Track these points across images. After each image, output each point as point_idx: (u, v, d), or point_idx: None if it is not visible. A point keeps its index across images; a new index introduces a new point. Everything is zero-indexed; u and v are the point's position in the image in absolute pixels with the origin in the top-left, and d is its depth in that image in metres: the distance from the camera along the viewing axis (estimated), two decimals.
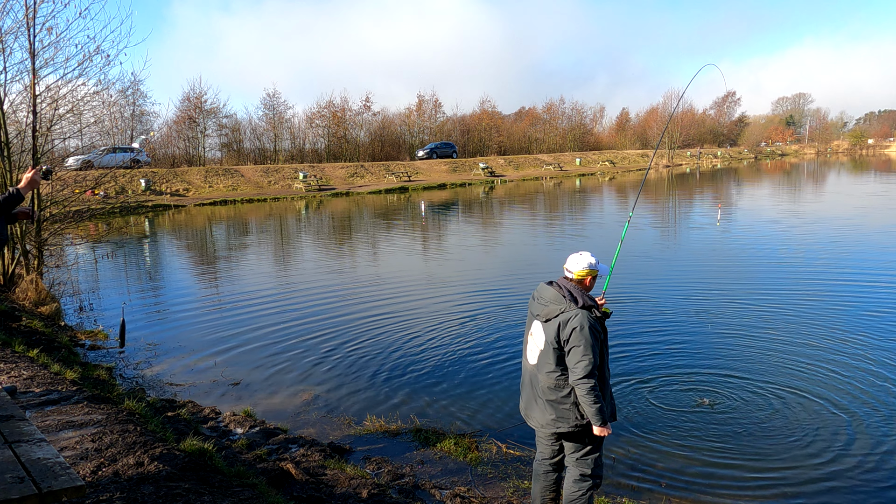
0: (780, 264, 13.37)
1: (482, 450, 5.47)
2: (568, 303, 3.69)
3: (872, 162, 71.88)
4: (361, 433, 5.90)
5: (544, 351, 3.76)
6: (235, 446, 5.35)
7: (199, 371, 7.75)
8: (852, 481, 4.87)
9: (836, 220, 20.82)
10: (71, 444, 4.22)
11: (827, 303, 9.93)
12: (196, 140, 49.62)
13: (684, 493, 4.77)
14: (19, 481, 2.58)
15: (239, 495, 3.83)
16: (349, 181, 44.23)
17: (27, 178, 4.52)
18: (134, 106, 46.46)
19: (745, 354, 7.66)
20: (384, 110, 63.32)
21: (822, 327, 8.63)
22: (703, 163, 72.48)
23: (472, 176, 49.67)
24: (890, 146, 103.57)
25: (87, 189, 18.81)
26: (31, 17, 10.59)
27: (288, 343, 8.68)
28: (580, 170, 59.59)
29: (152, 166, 41.05)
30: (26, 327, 8.28)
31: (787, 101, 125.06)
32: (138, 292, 12.69)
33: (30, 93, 11.02)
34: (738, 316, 9.37)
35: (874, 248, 15.09)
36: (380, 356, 8.03)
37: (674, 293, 10.99)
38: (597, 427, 3.66)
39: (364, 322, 9.65)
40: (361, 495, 4.44)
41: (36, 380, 5.62)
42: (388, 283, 12.79)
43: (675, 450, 5.38)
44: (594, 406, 3.59)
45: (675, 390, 6.58)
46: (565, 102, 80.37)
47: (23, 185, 4.49)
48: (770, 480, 4.91)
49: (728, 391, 6.52)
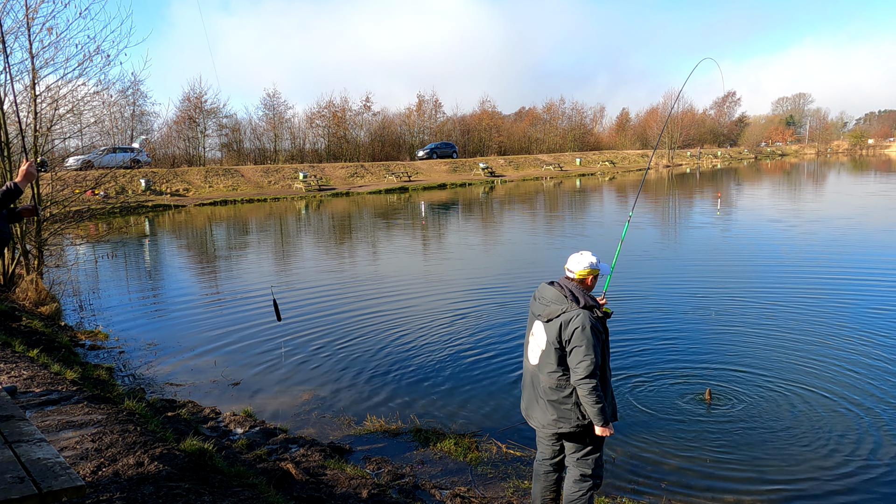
0: (781, 262, 13.36)
1: (482, 450, 5.47)
2: (569, 303, 3.68)
3: (872, 162, 71.87)
4: (361, 433, 5.90)
5: (546, 351, 3.76)
6: (235, 446, 5.35)
7: (199, 371, 7.75)
8: (853, 479, 4.87)
9: (837, 219, 20.80)
10: (71, 444, 4.22)
11: (829, 299, 9.92)
12: (196, 140, 49.64)
13: (684, 494, 4.77)
14: (19, 481, 2.58)
15: (239, 495, 3.83)
16: (349, 181, 44.23)
17: (23, 171, 4.51)
18: (134, 106, 46.52)
19: (746, 354, 7.65)
20: (384, 110, 63.47)
21: (825, 324, 8.63)
22: (703, 163, 72.48)
23: (472, 176, 49.67)
24: (890, 146, 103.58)
25: (87, 189, 18.81)
26: (31, 18, 10.59)
27: (288, 343, 8.68)
28: (580, 170, 59.60)
29: (152, 166, 41.05)
30: (26, 327, 8.28)
31: (787, 101, 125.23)
32: (138, 292, 12.69)
33: (30, 93, 11.02)
34: (739, 314, 9.36)
35: (875, 246, 15.09)
36: (380, 356, 8.02)
37: (674, 292, 10.98)
38: (598, 427, 3.66)
39: (364, 322, 9.65)
40: (361, 495, 4.44)
41: (36, 380, 5.61)
42: (388, 282, 12.79)
43: (676, 450, 5.38)
44: (596, 406, 3.59)
45: (676, 390, 6.58)
46: (565, 102, 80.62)
47: (19, 178, 4.47)
48: (770, 480, 4.91)
49: (728, 391, 6.51)
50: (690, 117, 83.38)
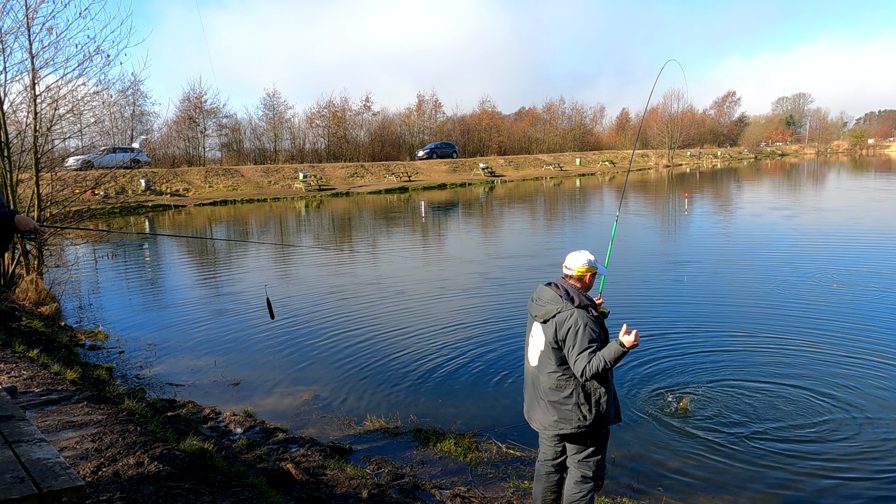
0: (783, 261, 13.36)
1: (482, 450, 5.47)
2: (564, 302, 3.68)
3: (872, 162, 71.87)
4: (361, 433, 5.90)
5: (544, 352, 3.75)
6: (235, 446, 5.35)
7: (199, 371, 7.75)
8: (853, 480, 4.87)
9: (840, 218, 20.80)
10: (71, 444, 4.22)
11: (829, 300, 9.93)
12: (196, 140, 49.67)
13: (684, 494, 4.77)
14: (19, 481, 2.58)
15: (239, 495, 3.83)
16: (349, 181, 44.23)
17: (33, 224, 4.31)
18: (134, 106, 46.54)
19: (746, 355, 7.65)
20: (384, 110, 63.54)
21: (822, 325, 8.63)
22: (703, 163, 72.48)
23: (472, 176, 49.67)
24: (890, 146, 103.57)
25: (87, 189, 18.82)
26: (31, 18, 10.59)
27: (288, 343, 8.68)
28: (580, 170, 59.60)
29: (152, 166, 41.06)
30: (26, 327, 8.28)
31: (787, 101, 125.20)
32: (138, 292, 12.69)
33: (30, 93, 11.02)
34: (739, 314, 9.37)
35: (878, 244, 15.08)
36: (380, 356, 8.02)
37: (673, 292, 10.98)
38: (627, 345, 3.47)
39: (364, 322, 9.64)
40: (361, 495, 4.44)
41: (36, 380, 5.62)
42: (388, 282, 12.78)
43: (676, 450, 5.38)
44: (607, 363, 3.47)
45: (677, 390, 6.58)
46: (565, 102, 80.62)
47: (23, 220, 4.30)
48: (770, 481, 4.91)
49: (728, 391, 6.51)
50: (690, 117, 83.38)
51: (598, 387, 3.69)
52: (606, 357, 3.48)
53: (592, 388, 3.70)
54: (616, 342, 3.49)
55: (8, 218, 4.25)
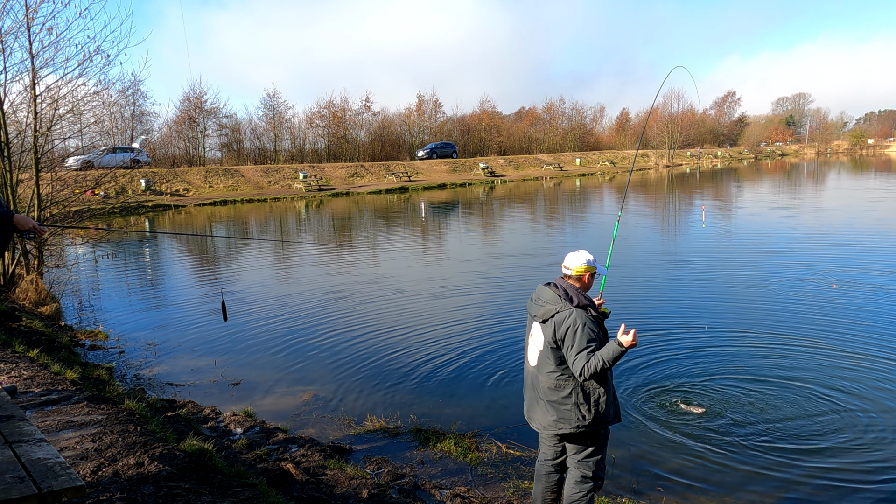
0: (783, 261, 13.36)
1: (482, 450, 5.47)
2: (563, 302, 3.68)
3: (872, 162, 71.86)
4: (361, 433, 5.90)
5: (543, 352, 3.76)
6: (235, 446, 5.35)
7: (199, 371, 7.75)
8: (853, 480, 4.86)
9: (840, 218, 20.80)
10: (71, 444, 4.22)
11: (828, 300, 9.93)
12: (196, 140, 49.67)
13: (684, 494, 4.77)
14: (19, 481, 2.58)
15: (239, 495, 3.83)
16: (349, 181, 44.23)
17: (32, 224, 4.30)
18: (134, 106, 46.53)
19: (746, 355, 7.65)
20: (384, 110, 63.55)
21: (820, 325, 8.63)
22: (703, 163, 72.47)
23: (472, 176, 49.67)
24: (890, 146, 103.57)
25: (87, 189, 18.81)
26: (31, 18, 10.60)
27: (288, 343, 8.68)
28: (580, 170, 59.60)
29: (152, 166, 41.06)
30: (26, 327, 8.28)
31: (787, 101, 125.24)
32: (138, 292, 12.69)
33: (30, 93, 11.02)
34: (739, 314, 9.37)
35: (878, 244, 15.08)
36: (380, 356, 8.02)
37: (673, 293, 10.99)
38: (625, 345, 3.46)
39: (364, 322, 9.64)
40: (361, 495, 4.44)
41: (36, 380, 5.62)
42: (388, 282, 12.78)
43: (675, 451, 5.38)
44: (606, 362, 3.46)
45: (676, 390, 6.58)
46: (565, 102, 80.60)
47: (22, 220, 4.27)
48: (770, 481, 4.91)
49: (728, 391, 6.51)
50: (690, 117, 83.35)
51: (597, 387, 3.69)
52: (605, 357, 3.49)
53: (591, 388, 3.70)
54: (614, 342, 3.49)
55: (7, 217, 4.25)
